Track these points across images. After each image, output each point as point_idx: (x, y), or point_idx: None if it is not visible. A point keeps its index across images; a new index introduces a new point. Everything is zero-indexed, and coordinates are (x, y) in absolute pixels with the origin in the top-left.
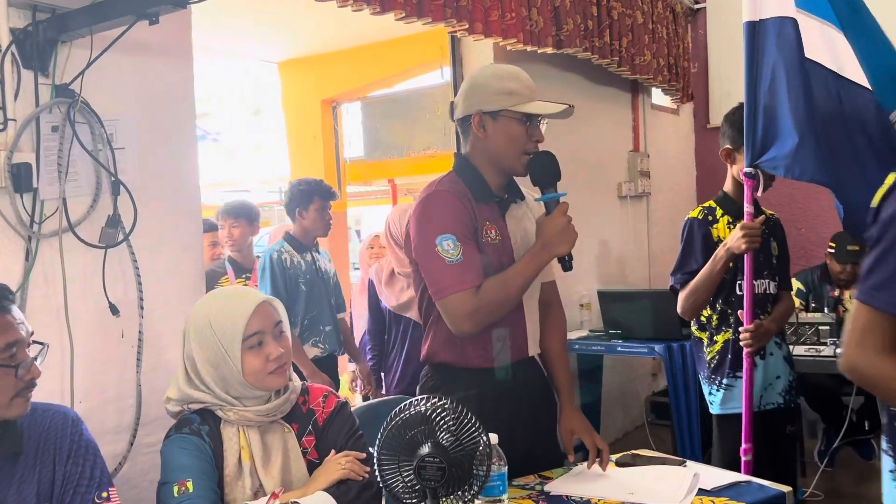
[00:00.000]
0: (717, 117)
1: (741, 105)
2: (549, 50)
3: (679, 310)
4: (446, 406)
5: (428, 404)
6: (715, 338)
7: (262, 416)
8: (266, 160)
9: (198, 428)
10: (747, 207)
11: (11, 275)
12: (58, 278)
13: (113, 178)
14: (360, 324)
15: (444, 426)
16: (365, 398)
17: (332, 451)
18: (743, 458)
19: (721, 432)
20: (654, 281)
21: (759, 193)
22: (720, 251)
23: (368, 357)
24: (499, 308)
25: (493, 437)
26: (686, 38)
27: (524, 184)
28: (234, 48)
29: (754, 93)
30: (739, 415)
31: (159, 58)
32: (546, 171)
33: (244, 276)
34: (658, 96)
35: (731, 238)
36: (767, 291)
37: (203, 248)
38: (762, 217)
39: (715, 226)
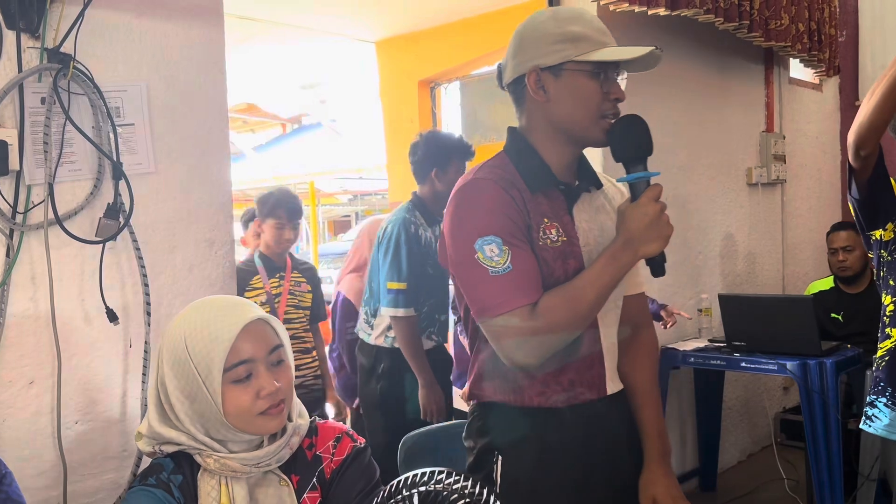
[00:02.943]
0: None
1: None
2: (662, 11)
3: (852, 129)
4: (464, 491)
5: (436, 484)
6: (888, 330)
7: (250, 465)
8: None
9: (167, 478)
10: None
11: None
12: (46, 278)
13: (111, 160)
14: None
15: None
16: None
17: None
18: None
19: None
20: (788, 282)
21: None
22: None
23: None
24: (565, 331)
25: None
26: (833, 1)
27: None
28: (331, 27)
29: None
30: None
31: (180, 17)
32: (633, 141)
33: (278, 275)
34: (797, 69)
35: None
36: None
37: (233, 244)
38: None
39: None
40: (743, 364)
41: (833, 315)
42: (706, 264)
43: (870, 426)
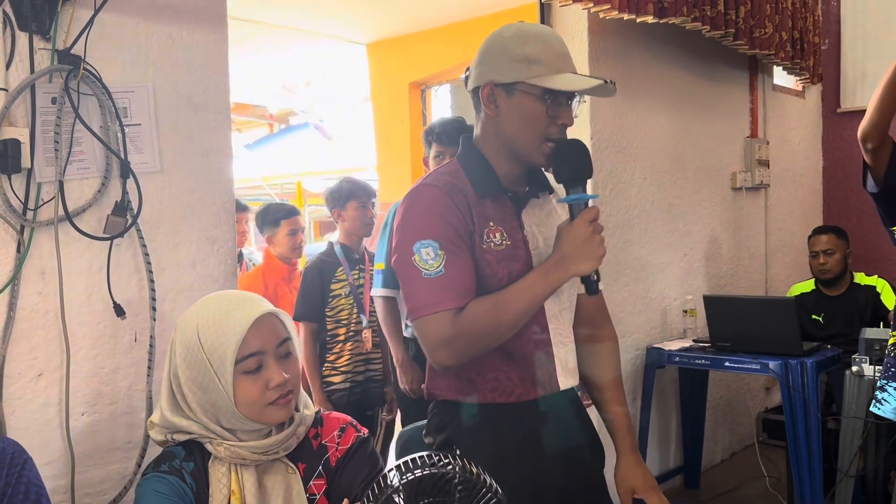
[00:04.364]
0: (849, 100)
1: None
2: (650, 19)
3: (860, 126)
4: (455, 469)
5: (431, 466)
6: None
7: (259, 453)
8: (369, 147)
9: (180, 465)
10: None
11: (1, 268)
12: (57, 273)
13: (120, 158)
14: None
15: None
16: None
17: (346, 501)
18: None
19: None
20: (771, 284)
21: None
22: None
23: None
24: (485, 338)
25: None
26: (816, 10)
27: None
28: (322, 28)
29: None
30: None
31: (185, 20)
32: (573, 165)
33: (358, 267)
34: (780, 76)
35: None
36: None
37: (235, 242)
38: None
39: None
40: (727, 363)
41: (814, 316)
42: (691, 266)
43: (879, 409)
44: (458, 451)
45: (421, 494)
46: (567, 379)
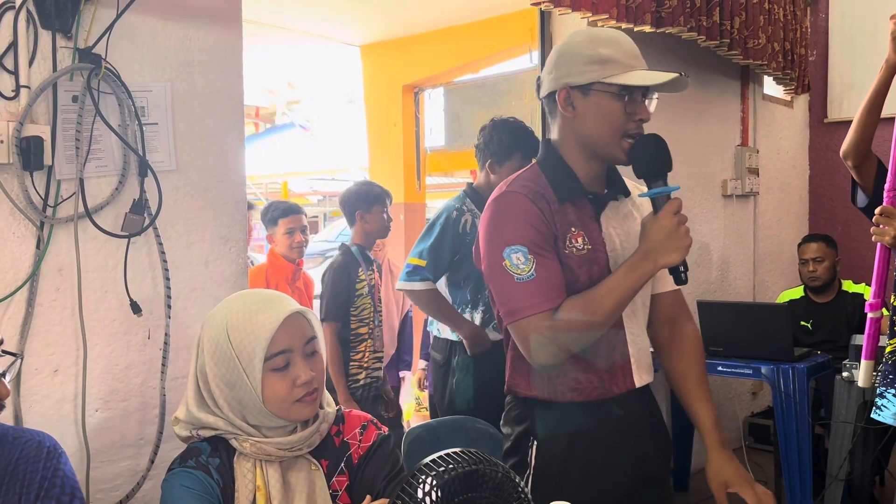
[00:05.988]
0: (836, 111)
1: None
2: (647, 28)
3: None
4: (488, 471)
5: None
6: None
7: (284, 449)
8: (357, 149)
9: (206, 461)
10: None
11: (20, 264)
12: (74, 270)
13: (140, 157)
14: None
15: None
16: None
17: (368, 498)
18: None
19: None
20: (758, 290)
21: None
22: (881, 70)
23: None
24: (582, 335)
25: None
26: (805, 22)
27: (631, 175)
28: (317, 29)
29: None
30: None
31: (201, 21)
32: (653, 159)
33: (371, 267)
34: (770, 86)
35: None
36: None
37: (246, 241)
38: None
39: None
40: (720, 368)
41: (802, 323)
42: None
43: (879, 415)
44: (534, 443)
45: (456, 492)
46: (642, 376)
